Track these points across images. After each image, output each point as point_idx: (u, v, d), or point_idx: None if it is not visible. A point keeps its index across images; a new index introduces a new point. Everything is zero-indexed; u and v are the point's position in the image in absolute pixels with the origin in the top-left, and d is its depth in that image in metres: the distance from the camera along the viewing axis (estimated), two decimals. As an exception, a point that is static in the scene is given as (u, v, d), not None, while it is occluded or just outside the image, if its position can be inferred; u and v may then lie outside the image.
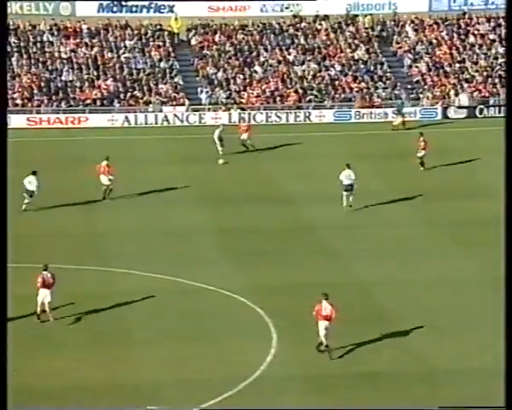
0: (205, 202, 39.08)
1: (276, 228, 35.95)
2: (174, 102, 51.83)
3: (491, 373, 23.60)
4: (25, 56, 53.24)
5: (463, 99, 52.87)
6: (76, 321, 28.05)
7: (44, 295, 28.09)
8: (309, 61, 55.12)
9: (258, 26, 56.69)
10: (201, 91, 52.76)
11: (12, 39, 53.87)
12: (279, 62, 54.89)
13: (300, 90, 53.18)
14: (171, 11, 56.38)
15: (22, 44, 53.87)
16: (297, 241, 34.71)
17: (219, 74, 53.77)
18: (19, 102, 50.71)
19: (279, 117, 51.53)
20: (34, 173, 37.60)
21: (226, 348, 26.38)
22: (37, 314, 28.24)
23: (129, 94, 51.96)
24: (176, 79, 53.27)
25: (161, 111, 50.98)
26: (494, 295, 27.82)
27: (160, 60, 54.26)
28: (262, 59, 55.03)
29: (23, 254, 30.24)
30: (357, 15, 57.71)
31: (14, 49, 53.43)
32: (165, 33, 55.72)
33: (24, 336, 27.02)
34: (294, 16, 57.58)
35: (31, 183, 37.38)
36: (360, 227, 36.03)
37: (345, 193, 37.32)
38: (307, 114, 51.75)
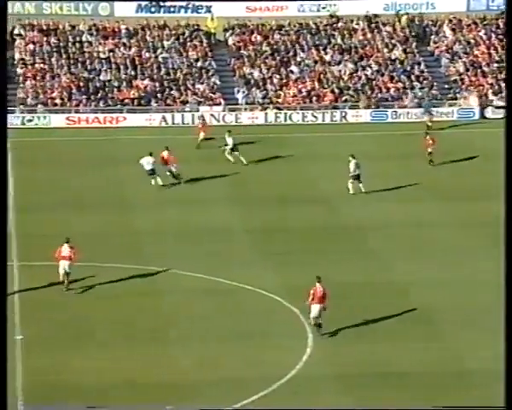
0: (241, 201, 39.29)
1: (313, 227, 36.08)
2: (211, 102, 52.09)
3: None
4: (64, 56, 53.76)
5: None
6: (115, 319, 28.38)
7: (64, 267, 29.61)
8: (345, 60, 55.11)
9: (295, 26, 56.78)
10: (238, 91, 52.98)
11: (52, 39, 54.47)
12: (315, 62, 54.95)
13: (337, 90, 53.22)
14: (209, 11, 56.61)
15: (62, 44, 54.41)
16: (333, 240, 34.82)
17: (256, 74, 53.96)
18: (58, 101, 51.27)
19: (315, 117, 51.58)
20: (151, 155, 40.28)
21: (262, 347, 26.57)
22: (65, 285, 29.71)
23: (166, 94, 52.35)
24: (213, 79, 53.53)
25: (198, 111, 51.26)
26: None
27: (197, 60, 54.56)
28: (298, 59, 55.12)
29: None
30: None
31: (54, 49, 54.00)
32: (203, 33, 56.02)
33: (63, 334, 27.40)
34: (331, 16, 57.60)
35: (148, 163, 40.00)
36: (394, 227, 36.10)
37: (352, 181, 39.35)
38: (343, 114, 51.76)
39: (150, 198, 39.56)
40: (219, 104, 51.96)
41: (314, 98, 52.76)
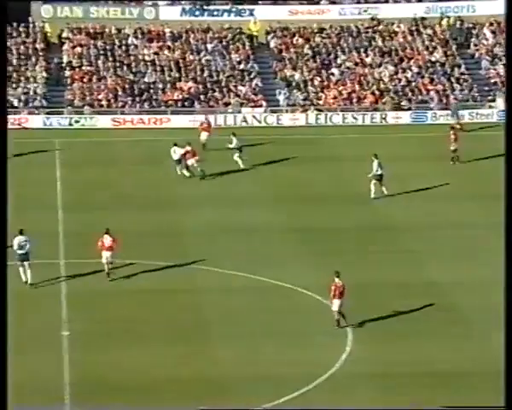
0: (282, 201, 39.84)
1: (352, 227, 36.57)
2: (252, 104, 52.84)
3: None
4: (110, 59, 54.78)
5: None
6: (157, 316, 29.01)
7: (106, 257, 31.06)
8: (386, 63, 55.56)
9: (336, 29, 57.32)
10: (279, 93, 53.66)
11: (98, 43, 55.55)
12: (356, 64, 55.44)
13: (377, 92, 53.70)
14: (252, 15, 57.32)
15: (108, 47, 55.45)
16: (372, 241, 35.27)
17: (297, 76, 54.59)
18: (104, 103, 52.36)
19: (355, 118, 52.13)
20: (175, 145, 42.50)
21: (302, 345, 27.07)
22: (107, 273, 31.03)
23: (209, 95, 53.20)
24: (255, 81, 54.26)
25: (240, 112, 52.03)
26: None
27: (240, 62, 55.33)
28: (339, 61, 55.64)
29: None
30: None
31: (101, 52, 55.07)
32: (245, 36, 56.77)
33: (107, 331, 28.07)
34: (372, 19, 58.03)
35: (174, 152, 42.39)
36: (433, 228, 36.44)
37: (375, 182, 39.47)
38: (383, 116, 52.23)
39: (192, 197, 40.36)
40: (261, 106, 52.68)
41: (354, 100, 53.29)
